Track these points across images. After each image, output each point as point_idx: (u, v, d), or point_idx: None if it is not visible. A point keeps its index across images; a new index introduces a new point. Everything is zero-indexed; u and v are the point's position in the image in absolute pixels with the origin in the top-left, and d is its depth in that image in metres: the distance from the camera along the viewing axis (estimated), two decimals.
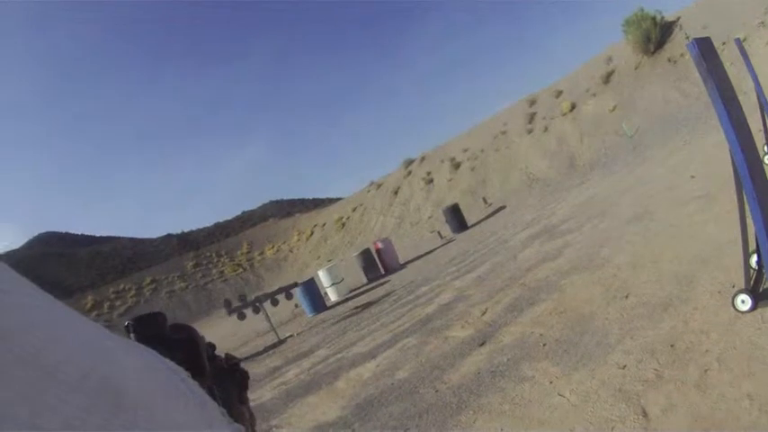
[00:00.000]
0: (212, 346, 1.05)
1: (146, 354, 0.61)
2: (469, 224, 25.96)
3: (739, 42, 10.71)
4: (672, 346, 5.08)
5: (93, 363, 0.44)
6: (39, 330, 0.41)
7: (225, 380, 1.05)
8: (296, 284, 18.62)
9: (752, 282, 5.14)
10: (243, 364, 1.18)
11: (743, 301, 4.96)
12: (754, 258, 5.40)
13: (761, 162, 5.89)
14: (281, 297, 17.58)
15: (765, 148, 9.95)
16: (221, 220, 79.45)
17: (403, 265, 22.95)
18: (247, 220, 75.99)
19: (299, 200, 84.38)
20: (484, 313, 9.19)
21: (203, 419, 0.58)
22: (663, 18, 28.50)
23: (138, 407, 0.44)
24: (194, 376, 0.71)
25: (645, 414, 4.23)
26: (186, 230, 75.97)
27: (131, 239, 77.04)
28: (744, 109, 5.60)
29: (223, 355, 1.11)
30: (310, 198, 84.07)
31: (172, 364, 0.64)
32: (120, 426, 0.41)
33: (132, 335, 0.90)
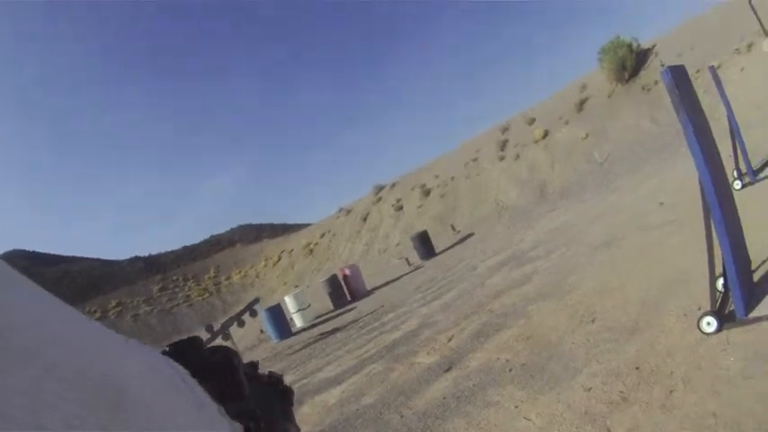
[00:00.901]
0: (254, 365, 1.02)
1: (146, 352, 0.60)
2: (438, 251, 25.95)
3: (713, 70, 10.93)
4: (637, 368, 5.08)
5: (92, 361, 0.44)
6: (38, 328, 0.41)
7: (268, 398, 1.02)
8: (256, 300, 18.43)
9: (717, 304, 5.18)
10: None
11: (708, 323, 4.98)
12: (720, 282, 5.44)
13: (729, 189, 5.97)
14: (246, 317, 17.40)
15: (735, 173, 10.12)
16: (189, 244, 78.79)
17: (370, 292, 22.85)
18: (215, 244, 75.37)
19: (267, 225, 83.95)
20: (450, 339, 9.14)
21: (203, 419, 0.58)
22: (639, 46, 29.16)
23: (137, 405, 0.44)
24: (233, 398, 0.77)
25: None
26: (154, 253, 75.18)
27: (99, 260, 76.03)
28: (716, 134, 5.68)
29: (266, 373, 1.07)
30: (279, 223, 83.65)
31: (173, 363, 0.64)
32: (120, 424, 0.40)
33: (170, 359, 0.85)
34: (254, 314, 17.67)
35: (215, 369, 0.87)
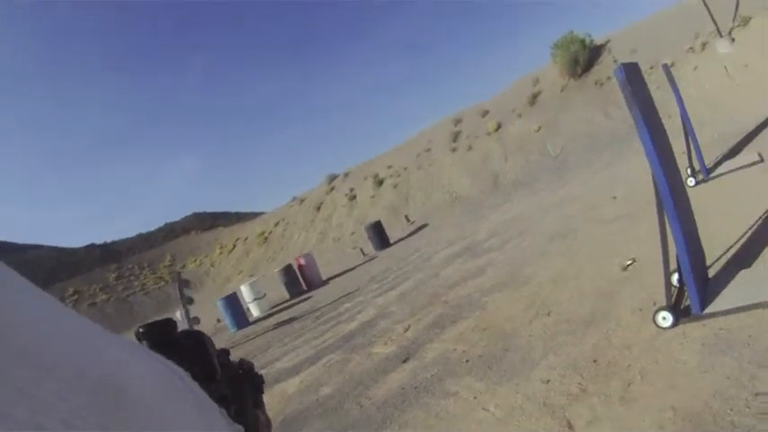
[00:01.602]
0: (226, 352, 1.03)
1: (145, 353, 0.59)
2: (392, 241, 26.02)
3: (666, 68, 11.13)
4: (595, 361, 5.16)
5: (92, 361, 0.43)
6: (38, 329, 0.40)
7: (239, 385, 1.03)
8: (179, 274, 18.24)
9: (673, 299, 5.28)
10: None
11: (664, 318, 5.08)
12: (675, 277, 5.55)
13: (683, 185, 6.09)
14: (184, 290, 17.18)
15: (688, 170, 10.31)
16: (144, 231, 77.36)
17: (325, 282, 22.80)
18: (170, 232, 74.22)
19: (222, 213, 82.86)
20: (407, 330, 9.18)
21: (203, 419, 0.58)
22: (592, 41, 29.54)
23: (137, 405, 0.44)
24: (206, 382, 0.74)
25: (570, 426, 4.27)
26: (109, 240, 73.73)
27: (55, 248, 74.23)
28: (669, 132, 5.78)
29: (237, 360, 1.07)
30: (233, 212, 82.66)
31: (171, 364, 0.62)
32: (120, 424, 0.40)
33: (144, 342, 0.86)
34: (185, 284, 17.48)
35: (188, 350, 0.88)
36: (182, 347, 0.90)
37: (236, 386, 1.01)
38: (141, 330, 0.89)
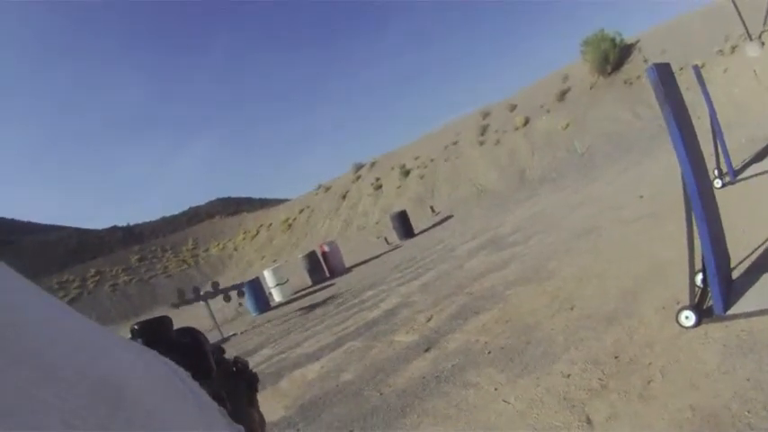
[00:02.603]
0: (221, 350, 1.06)
1: (145, 353, 0.60)
2: (416, 232, 26.04)
3: (697, 69, 11.06)
4: (616, 357, 5.19)
5: (92, 361, 0.44)
6: (37, 329, 0.41)
7: (234, 383, 1.07)
8: (242, 285, 18.53)
9: (696, 299, 5.29)
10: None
11: (687, 317, 5.10)
12: (699, 277, 5.56)
13: (710, 186, 6.10)
14: (233, 294, 17.50)
15: (716, 172, 10.28)
16: (168, 215, 77.88)
17: (348, 269, 22.91)
18: (194, 216, 74.62)
19: (246, 198, 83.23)
20: (429, 320, 9.23)
21: (203, 420, 0.59)
22: (622, 40, 29.26)
23: (137, 406, 0.45)
24: (201, 379, 0.71)
25: (589, 421, 4.31)
26: (132, 223, 74.27)
27: (77, 229, 74.77)
28: (697, 134, 5.78)
29: (232, 358, 1.12)
30: (257, 198, 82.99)
31: (172, 364, 0.63)
32: (120, 425, 0.41)
33: (138, 339, 0.90)
34: (241, 294, 17.81)
35: (183, 348, 0.92)
36: (177, 345, 0.90)
37: (230, 384, 1.02)
38: (136, 328, 0.94)
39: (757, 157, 11.69)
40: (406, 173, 35.95)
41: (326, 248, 23.77)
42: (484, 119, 34.70)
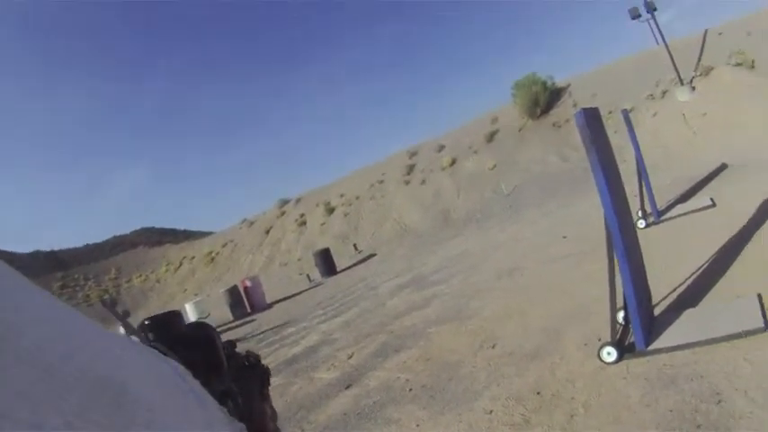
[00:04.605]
0: (232, 344, 1.02)
1: (146, 352, 0.60)
2: (339, 269, 25.94)
3: (626, 113, 11.44)
4: (538, 393, 5.18)
5: (92, 361, 0.43)
6: (38, 328, 0.40)
7: (246, 377, 1.01)
8: (105, 300, 18.23)
9: (618, 335, 5.35)
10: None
11: (608, 353, 5.16)
12: (620, 314, 5.63)
13: (633, 227, 6.24)
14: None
15: (639, 212, 10.57)
16: (92, 242, 75.86)
17: (270, 305, 22.61)
18: (118, 245, 72.69)
19: (170, 229, 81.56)
20: (350, 357, 9.12)
21: (204, 418, 0.58)
22: (554, 84, 30.06)
23: (138, 405, 0.44)
24: (212, 374, 0.78)
25: None
26: (56, 248, 71.91)
27: None
28: (624, 175, 5.92)
29: (244, 353, 1.06)
30: (182, 229, 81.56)
31: (172, 363, 0.63)
32: (121, 424, 0.40)
33: (150, 334, 0.84)
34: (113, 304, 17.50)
35: (194, 343, 0.87)
36: (188, 340, 0.90)
37: (242, 378, 1.01)
38: (147, 323, 0.89)
39: (681, 198, 12.22)
40: (331, 210, 35.94)
41: (249, 284, 23.46)
42: (411, 158, 35.05)
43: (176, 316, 0.93)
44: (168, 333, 0.85)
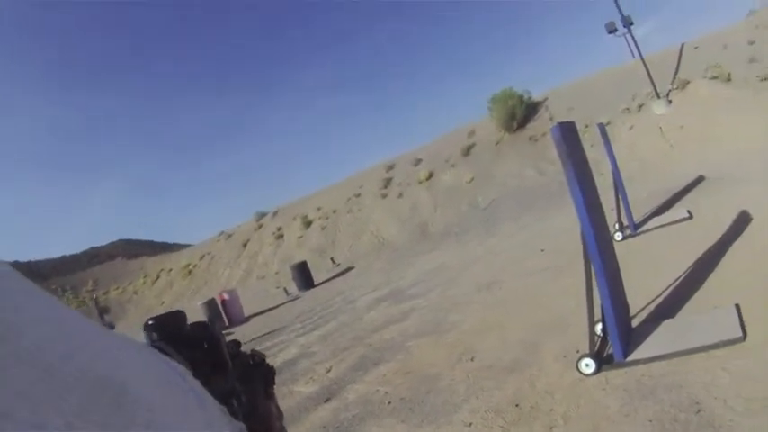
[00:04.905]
0: (237, 343, 1.01)
1: (145, 351, 0.61)
2: (316, 283, 25.83)
3: (602, 127, 11.55)
4: (517, 405, 5.19)
5: (92, 360, 0.43)
6: (38, 328, 0.40)
7: (250, 376, 1.01)
8: (97, 301, 18.04)
9: (596, 347, 5.37)
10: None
11: (587, 365, 5.18)
12: (598, 326, 5.66)
13: (610, 239, 6.29)
14: None
15: (616, 225, 10.64)
16: (69, 254, 75.27)
17: (248, 319, 22.46)
18: (95, 257, 72.21)
19: (148, 242, 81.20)
20: (329, 370, 9.08)
21: (204, 418, 0.57)
22: (530, 98, 30.23)
23: (138, 404, 0.43)
24: (217, 374, 0.79)
25: None
26: (33, 259, 71.22)
27: None
28: (600, 188, 5.96)
29: (248, 352, 1.06)
30: (159, 241, 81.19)
31: (173, 362, 0.64)
32: (121, 424, 0.40)
33: (153, 333, 0.84)
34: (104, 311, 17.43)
35: (198, 342, 0.87)
36: (192, 339, 0.89)
37: (247, 378, 1.00)
38: (151, 323, 0.89)
39: (659, 211, 12.31)
40: (308, 223, 35.87)
41: (226, 296, 23.30)
42: (388, 171, 35.09)
43: (180, 316, 0.93)
44: (172, 333, 0.86)
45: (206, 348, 0.86)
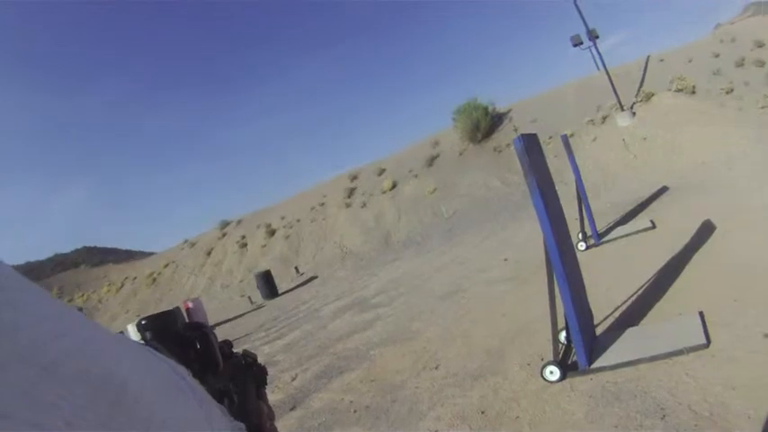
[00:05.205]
0: (229, 344, 1.02)
1: (145, 351, 0.60)
2: (280, 291, 25.69)
3: (565, 138, 11.67)
4: (483, 412, 5.21)
5: (92, 360, 0.44)
6: (38, 327, 0.40)
7: (242, 376, 1.03)
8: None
9: (561, 354, 5.41)
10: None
11: (551, 372, 5.23)
12: (562, 334, 5.71)
13: (573, 249, 6.35)
14: None
15: (580, 235, 10.74)
16: (33, 260, 74.30)
17: (212, 328, 22.14)
18: (59, 264, 71.34)
19: (112, 249, 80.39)
20: (294, 379, 9.03)
21: (204, 417, 0.59)
22: (495, 109, 30.48)
23: (138, 404, 0.45)
24: (209, 373, 0.81)
25: None
26: None
27: None
28: (564, 198, 6.03)
29: (240, 352, 1.05)
30: (124, 249, 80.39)
31: (172, 362, 0.64)
32: (121, 423, 0.41)
33: (147, 333, 0.82)
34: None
35: (191, 342, 0.86)
36: (184, 339, 0.92)
37: (239, 377, 1.03)
38: (144, 322, 0.90)
39: (622, 221, 12.53)
40: (272, 232, 35.75)
41: (191, 305, 22.89)
42: (352, 181, 35.16)
43: (172, 315, 0.92)
44: (165, 332, 0.85)
45: (198, 348, 0.86)
